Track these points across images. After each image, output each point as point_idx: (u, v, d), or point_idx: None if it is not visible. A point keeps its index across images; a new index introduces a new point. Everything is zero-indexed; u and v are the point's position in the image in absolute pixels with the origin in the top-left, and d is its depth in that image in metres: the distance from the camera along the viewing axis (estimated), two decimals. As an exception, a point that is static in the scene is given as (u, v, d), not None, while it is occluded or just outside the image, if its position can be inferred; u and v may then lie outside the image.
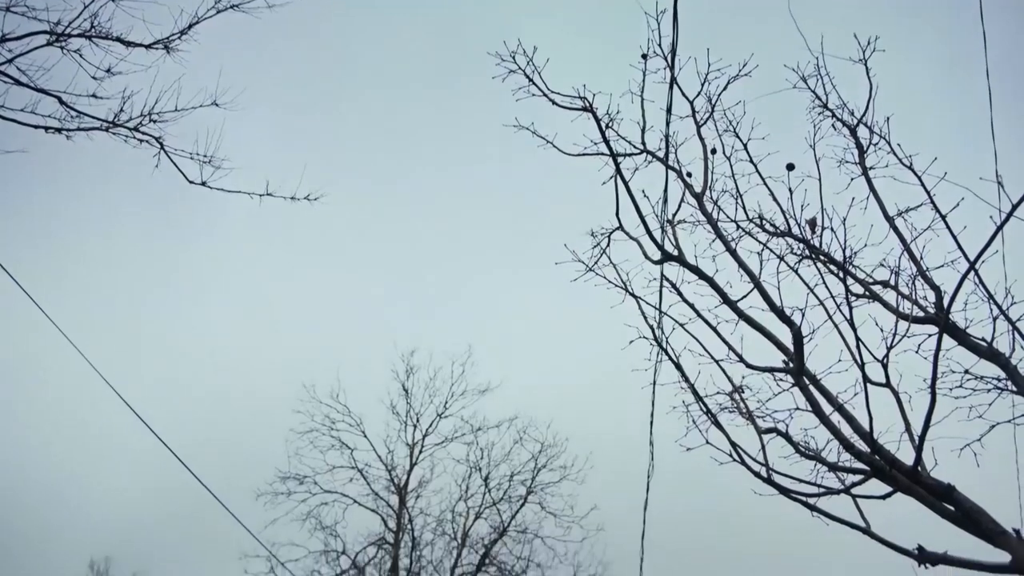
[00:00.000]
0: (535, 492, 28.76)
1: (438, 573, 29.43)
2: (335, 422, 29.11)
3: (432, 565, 29.36)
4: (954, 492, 3.75)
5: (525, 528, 29.13)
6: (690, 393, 4.76)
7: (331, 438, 28.74)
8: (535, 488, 28.75)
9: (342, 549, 27.86)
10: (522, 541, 29.06)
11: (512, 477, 29.22)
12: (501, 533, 29.01)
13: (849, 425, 4.20)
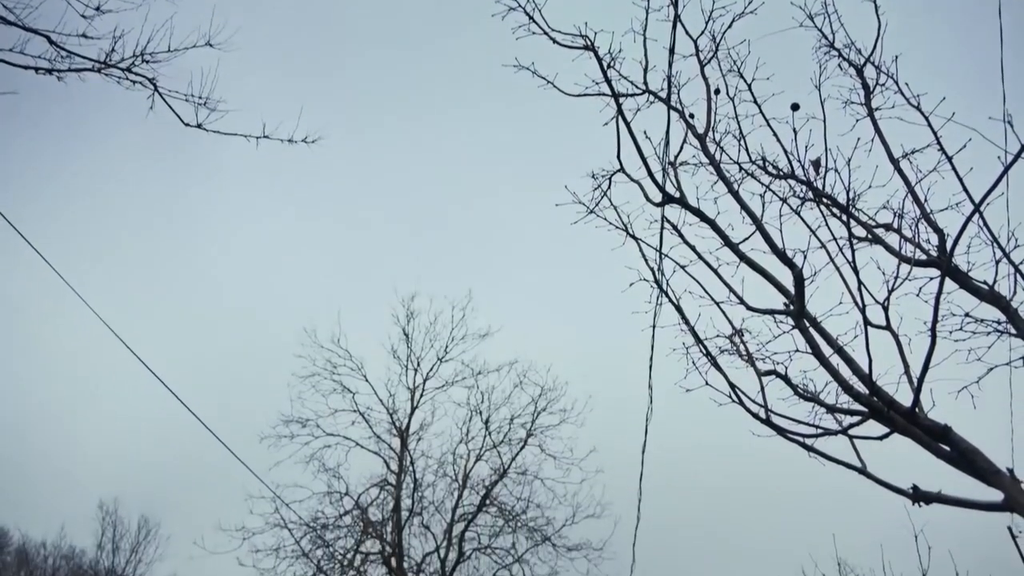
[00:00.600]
0: (535, 435, 29.17)
1: (439, 514, 30.04)
2: (336, 366, 29.34)
3: (433, 506, 29.93)
4: (950, 433, 3.78)
5: (525, 470, 29.61)
6: (690, 335, 4.76)
7: (333, 382, 29.00)
8: (535, 431, 29.16)
9: (345, 490, 28.38)
10: (522, 482, 29.58)
11: (512, 420, 29.60)
12: (501, 475, 29.54)
13: (848, 367, 4.21)
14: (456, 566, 29.30)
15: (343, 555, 27.64)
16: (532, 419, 29.24)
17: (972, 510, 4.15)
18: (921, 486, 4.05)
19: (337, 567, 27.35)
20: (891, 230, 5.27)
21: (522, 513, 29.14)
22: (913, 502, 3.79)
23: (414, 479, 29.37)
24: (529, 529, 28.85)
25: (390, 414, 29.59)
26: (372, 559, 28.43)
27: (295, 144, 7.39)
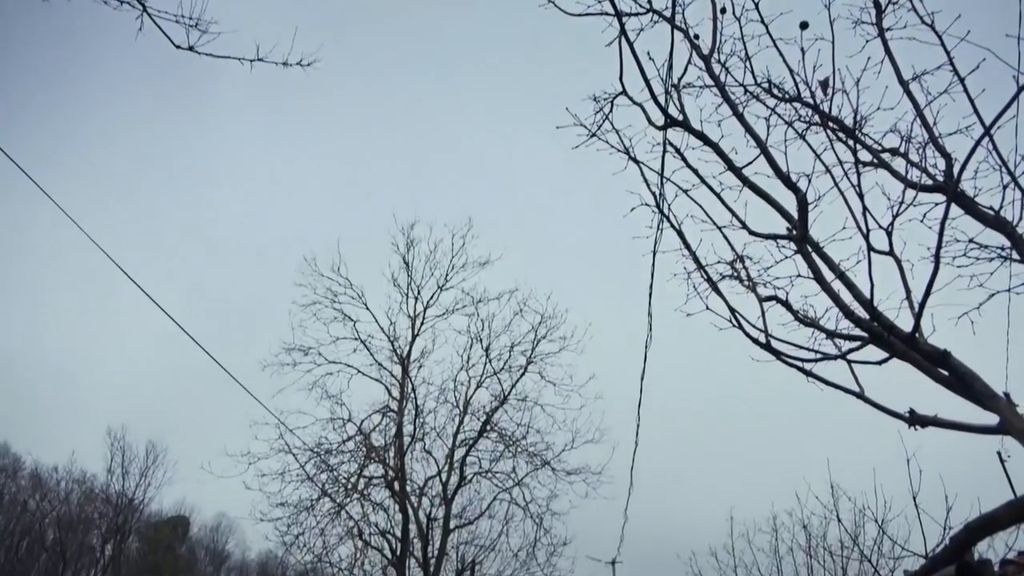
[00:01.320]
0: (535, 362, 29.46)
1: (441, 439, 30.64)
2: (337, 295, 29.44)
3: (435, 431, 30.49)
4: (949, 357, 3.78)
5: (525, 396, 30.05)
6: (691, 261, 4.72)
7: (333, 310, 29.15)
8: (535, 358, 29.44)
9: (348, 417, 28.83)
10: (522, 409, 30.07)
11: (512, 348, 29.85)
12: (502, 401, 29.97)
13: (850, 292, 4.19)
14: (457, 489, 30.02)
15: (347, 479, 28.30)
16: (532, 346, 29.48)
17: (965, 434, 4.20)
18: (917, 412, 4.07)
19: (341, 490, 28.04)
20: (898, 154, 5.17)
21: (522, 438, 29.68)
22: (910, 425, 3.81)
23: (415, 405, 29.80)
24: (529, 454, 29.45)
25: (391, 342, 29.81)
26: (375, 483, 29.11)
27: (290, 68, 7.18)
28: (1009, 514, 3.02)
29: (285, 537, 27.04)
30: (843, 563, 12.53)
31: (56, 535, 32.52)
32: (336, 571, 28.84)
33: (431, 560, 28.77)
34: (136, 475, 27.97)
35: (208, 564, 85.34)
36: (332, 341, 28.88)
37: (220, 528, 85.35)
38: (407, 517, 28.65)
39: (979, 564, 3.22)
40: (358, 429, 28.55)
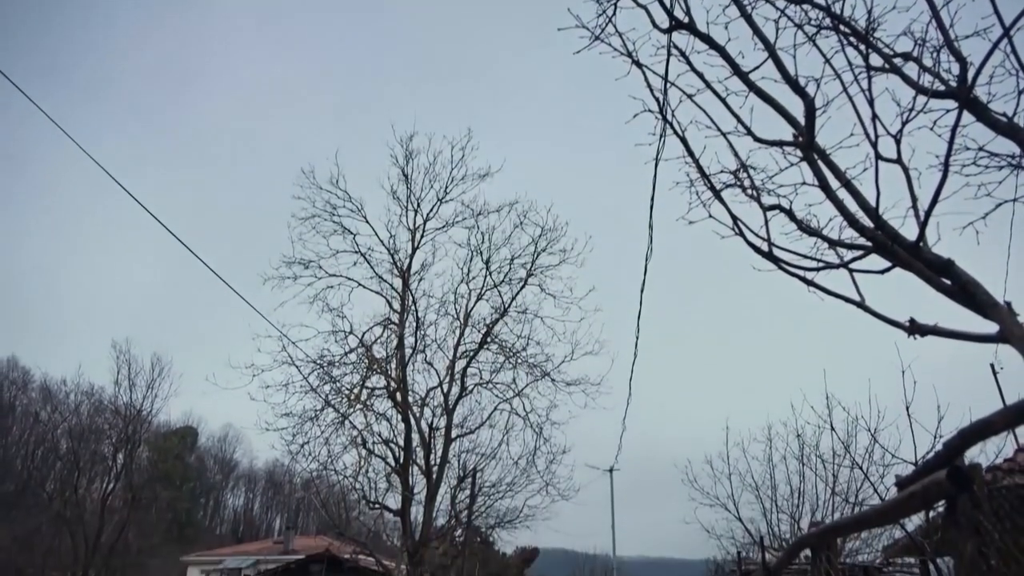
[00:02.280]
0: (535, 274, 29.56)
1: (442, 351, 31.04)
2: (336, 208, 29.26)
3: (436, 343, 30.87)
4: (953, 266, 3.74)
5: (525, 309, 30.27)
6: (694, 169, 4.62)
7: (333, 223, 29.04)
8: (535, 271, 29.52)
9: (349, 329, 29.14)
10: (522, 321, 30.33)
11: (512, 260, 29.89)
12: (502, 313, 30.22)
13: (855, 200, 4.11)
14: (458, 400, 30.63)
15: (350, 390, 28.84)
16: (532, 259, 29.52)
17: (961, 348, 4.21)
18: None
19: (344, 401, 28.61)
20: (910, 59, 4.99)
21: (522, 350, 30.07)
22: (909, 334, 3.81)
23: (416, 318, 30.07)
24: (529, 365, 29.91)
25: (391, 255, 29.83)
26: (378, 394, 29.68)
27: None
28: (1003, 419, 3.05)
29: (290, 446, 27.77)
30: (834, 470, 12.87)
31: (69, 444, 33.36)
32: (341, 478, 29.76)
33: (433, 468, 29.63)
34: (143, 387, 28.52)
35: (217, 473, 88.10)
36: (332, 254, 28.89)
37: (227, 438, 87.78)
38: (409, 427, 29.34)
39: (969, 468, 3.27)
40: (360, 341, 28.89)
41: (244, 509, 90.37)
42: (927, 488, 3.44)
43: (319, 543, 33.41)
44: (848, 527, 6.50)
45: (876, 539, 11.70)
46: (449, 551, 30.36)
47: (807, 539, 5.81)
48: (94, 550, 25.11)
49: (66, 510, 27.10)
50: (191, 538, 63.66)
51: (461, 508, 31.51)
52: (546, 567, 70.61)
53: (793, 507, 14.37)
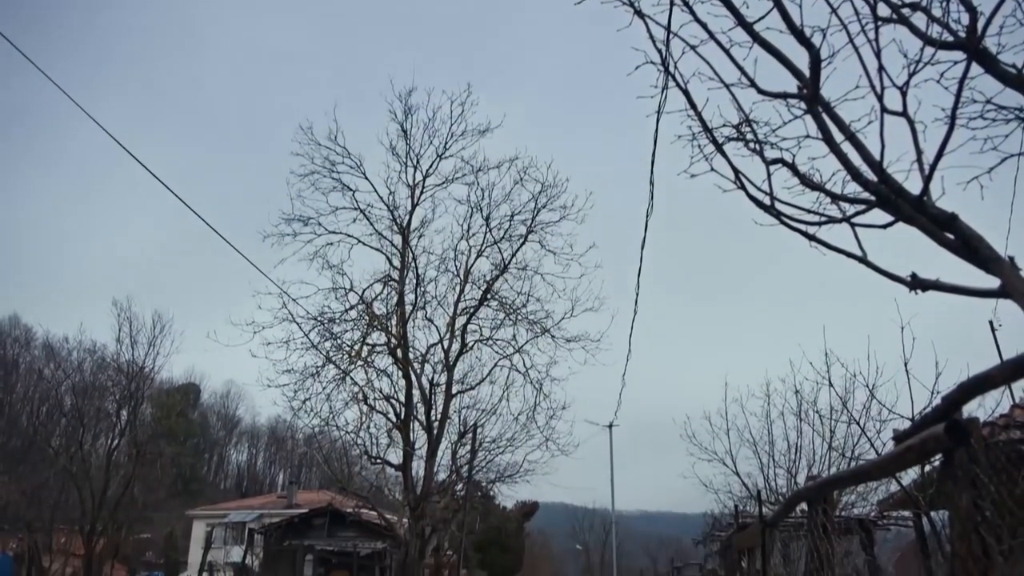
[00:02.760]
0: (535, 231, 29.49)
1: (442, 307, 31.12)
2: (335, 164, 29.05)
3: (436, 300, 30.93)
4: (957, 221, 3.70)
5: (525, 265, 30.26)
6: (697, 121, 4.55)
7: (332, 180, 28.90)
8: (535, 227, 29.44)
9: (350, 286, 29.15)
10: (522, 278, 30.35)
11: (512, 217, 29.78)
12: (502, 270, 30.20)
13: (859, 153, 4.06)
14: (459, 356, 30.81)
15: (350, 347, 28.99)
16: (532, 215, 29.44)
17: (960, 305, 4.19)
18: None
19: (345, 358, 28.78)
20: (918, 9, 4.87)
21: (522, 307, 30.17)
22: (911, 289, 3.79)
23: (416, 275, 30.09)
24: (529, 322, 30.03)
25: (391, 211, 29.73)
26: (378, 350, 29.84)
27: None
28: (1002, 373, 3.04)
29: (292, 402, 28.04)
30: (832, 426, 12.98)
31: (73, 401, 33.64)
32: (343, 434, 30.12)
33: (434, 423, 29.93)
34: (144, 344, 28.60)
35: (220, 429, 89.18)
36: (331, 211, 28.79)
37: (229, 395, 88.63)
38: (410, 383, 29.56)
39: (967, 422, 3.28)
40: (360, 298, 28.94)
41: (248, 464, 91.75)
42: (924, 441, 3.45)
43: (322, 497, 33.94)
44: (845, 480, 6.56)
45: (872, 493, 11.86)
46: (450, 505, 30.84)
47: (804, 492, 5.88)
48: (100, 504, 25.49)
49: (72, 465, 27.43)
50: (196, 493, 64.75)
51: (462, 463, 31.92)
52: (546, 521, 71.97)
53: (790, 462, 14.55)
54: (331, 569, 24.00)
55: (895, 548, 8.67)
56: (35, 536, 27.09)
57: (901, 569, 7.76)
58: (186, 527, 50.49)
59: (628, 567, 63.03)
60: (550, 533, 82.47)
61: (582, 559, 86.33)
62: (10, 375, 68.39)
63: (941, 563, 5.24)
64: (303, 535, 24.35)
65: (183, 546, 47.52)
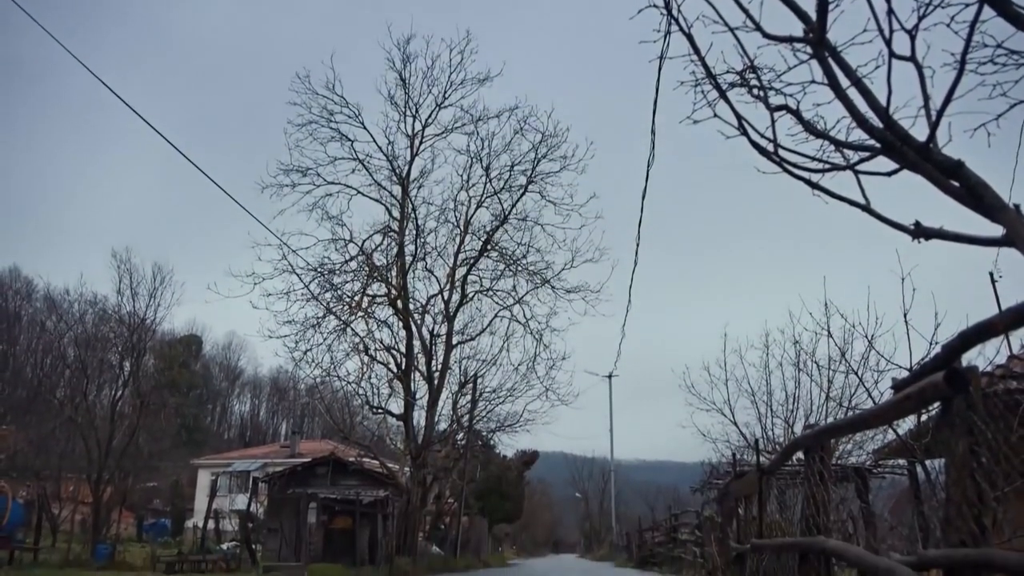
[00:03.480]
0: (535, 181, 29.36)
1: (442, 258, 31.14)
2: (333, 113, 28.74)
3: (436, 251, 30.93)
4: (962, 168, 3.64)
5: (525, 216, 30.20)
6: (700, 66, 4.46)
7: (330, 130, 28.64)
8: (535, 177, 29.30)
9: (349, 237, 29.12)
10: (522, 228, 30.32)
11: (512, 167, 29.61)
12: (502, 221, 30.12)
13: (865, 100, 3.98)
14: (459, 307, 30.97)
15: (351, 298, 29.08)
16: (532, 166, 29.28)
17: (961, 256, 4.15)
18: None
19: (346, 309, 28.90)
20: (930, -50, 4.74)
21: (522, 257, 30.21)
22: (914, 237, 3.76)
23: (416, 225, 30.04)
24: (529, 272, 30.11)
25: (390, 161, 29.53)
26: (379, 301, 29.96)
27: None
28: (1004, 321, 3.03)
29: (294, 353, 28.26)
30: (829, 376, 13.07)
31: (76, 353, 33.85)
32: (344, 384, 30.41)
33: (435, 374, 30.21)
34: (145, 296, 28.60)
35: (223, 380, 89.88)
36: (330, 162, 28.61)
37: (231, 346, 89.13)
38: (411, 334, 29.73)
39: (966, 370, 3.28)
40: (360, 249, 28.92)
41: (250, 415, 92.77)
42: (924, 389, 3.47)
43: (324, 447, 34.42)
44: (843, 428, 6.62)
45: (868, 442, 12.00)
46: (451, 454, 31.32)
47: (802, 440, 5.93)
48: (106, 453, 25.83)
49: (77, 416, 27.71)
50: (200, 443, 65.63)
51: (462, 413, 32.32)
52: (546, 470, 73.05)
53: (788, 412, 14.71)
54: (334, 516, 24.44)
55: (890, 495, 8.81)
56: (44, 484, 27.54)
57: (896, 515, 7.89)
58: (191, 476, 51.30)
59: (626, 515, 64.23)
60: (550, 482, 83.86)
61: (581, 507, 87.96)
62: (12, 327, 68.68)
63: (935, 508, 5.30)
64: (306, 483, 24.73)
65: (189, 494, 48.34)
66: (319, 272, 28.15)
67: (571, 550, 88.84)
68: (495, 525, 49.93)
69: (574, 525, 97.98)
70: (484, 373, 31.90)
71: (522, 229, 30.16)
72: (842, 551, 4.53)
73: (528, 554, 68.09)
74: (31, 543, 23.44)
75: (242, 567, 23.41)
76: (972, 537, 3.03)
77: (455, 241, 30.73)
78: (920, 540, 5.92)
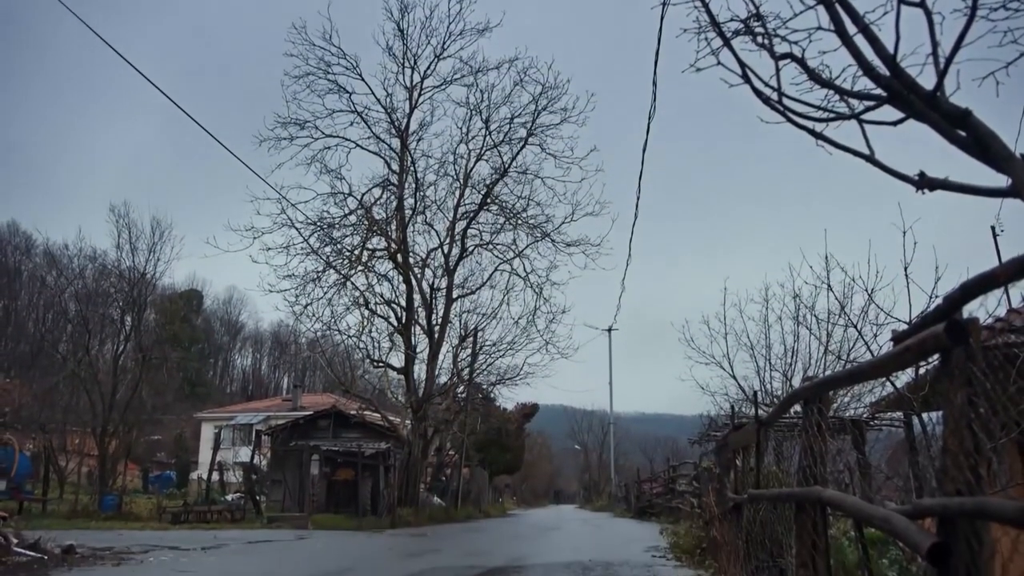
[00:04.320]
0: (535, 134, 29.08)
1: (442, 212, 31.00)
2: (330, 65, 28.33)
3: (436, 204, 30.78)
4: (970, 117, 3.58)
5: (525, 169, 29.98)
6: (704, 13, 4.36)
7: (328, 82, 28.26)
8: (535, 130, 29.00)
9: (349, 191, 28.96)
10: (522, 182, 30.13)
11: (512, 120, 29.28)
12: (502, 174, 29.90)
13: (871, 47, 3.89)
14: (459, 261, 30.96)
15: (350, 252, 29.03)
16: (532, 118, 28.96)
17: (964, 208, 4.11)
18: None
19: (345, 263, 28.87)
20: None
21: (522, 211, 30.09)
22: (918, 188, 3.71)
23: (416, 179, 29.85)
24: (529, 226, 30.01)
25: (388, 114, 29.20)
26: (379, 255, 29.91)
27: None
28: (1006, 272, 3.00)
29: (294, 307, 28.36)
30: (828, 329, 13.10)
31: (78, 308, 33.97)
32: (345, 338, 30.56)
33: (435, 327, 30.33)
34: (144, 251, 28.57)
35: (224, 334, 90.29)
36: (328, 114, 28.29)
37: (232, 300, 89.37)
38: (411, 287, 29.77)
39: (967, 321, 3.26)
40: (359, 203, 28.77)
41: (252, 369, 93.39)
42: (923, 341, 3.46)
43: (326, 400, 34.73)
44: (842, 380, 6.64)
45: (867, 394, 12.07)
46: (451, 407, 31.60)
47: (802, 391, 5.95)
48: (110, 407, 26.11)
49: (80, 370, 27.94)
50: (203, 396, 66.20)
51: (463, 366, 32.52)
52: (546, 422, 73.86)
53: (786, 366, 14.77)
54: (337, 468, 24.80)
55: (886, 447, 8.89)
56: (49, 437, 27.89)
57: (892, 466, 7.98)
58: (195, 429, 51.88)
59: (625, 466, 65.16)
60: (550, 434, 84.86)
61: (580, 459, 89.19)
62: (13, 283, 68.75)
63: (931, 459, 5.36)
64: (308, 436, 25.04)
65: (193, 447, 48.96)
66: (318, 226, 28.06)
67: (570, 501, 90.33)
68: (495, 476, 50.70)
69: (573, 476, 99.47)
70: (484, 327, 32.04)
71: (522, 182, 29.97)
72: (839, 501, 4.58)
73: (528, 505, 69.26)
74: (39, 494, 23.83)
75: (247, 517, 23.84)
76: (967, 486, 3.05)
77: (455, 194, 30.56)
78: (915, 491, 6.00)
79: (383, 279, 30.00)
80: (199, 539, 14.37)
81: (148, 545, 12.45)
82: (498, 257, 30.82)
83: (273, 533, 18.10)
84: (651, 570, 9.58)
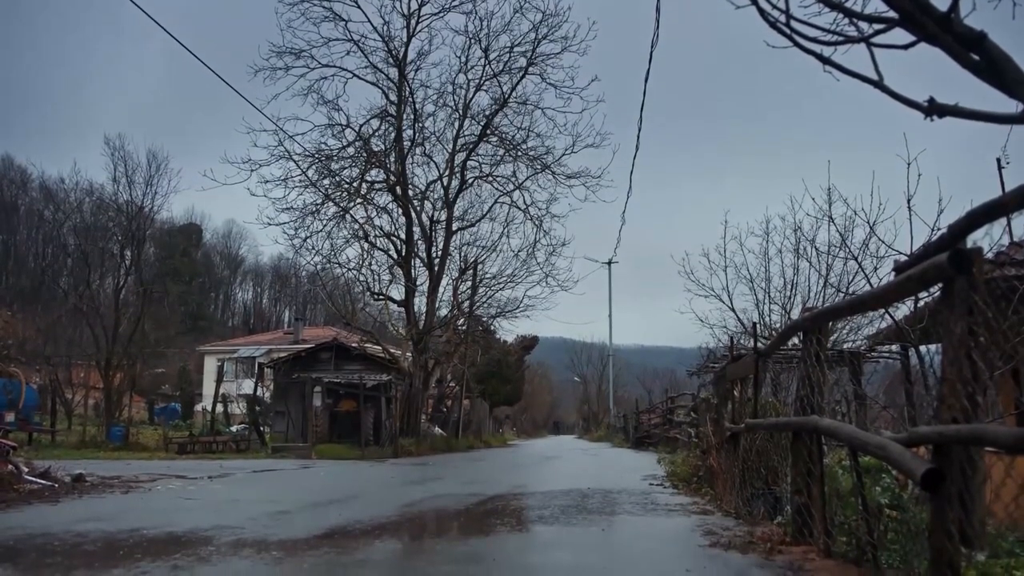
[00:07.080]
0: (536, 63, 28.42)
1: (441, 143, 30.58)
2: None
3: (435, 136, 30.35)
4: (985, 40, 3.45)
5: (526, 100, 29.42)
6: (711, -70, 4.18)
7: (323, 9, 27.43)
8: (536, 59, 28.34)
9: (346, 122, 28.49)
10: (523, 112, 29.61)
11: (512, 48, 28.57)
12: (502, 104, 29.37)
13: (884, -33, 3.75)
14: (459, 193, 30.72)
15: (349, 184, 28.78)
16: (533, 47, 28.26)
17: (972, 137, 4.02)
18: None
19: (344, 195, 28.65)
20: None
21: (522, 142, 29.69)
22: (927, 115, 3.61)
23: (414, 110, 29.34)
24: (529, 158, 29.67)
25: (385, 42, 28.49)
26: (378, 187, 29.68)
27: None
28: (1015, 199, 2.95)
29: (293, 240, 28.27)
30: (829, 261, 13.06)
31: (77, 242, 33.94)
32: (345, 271, 30.57)
33: (435, 260, 30.31)
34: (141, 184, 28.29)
35: (224, 268, 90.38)
36: (324, 43, 27.59)
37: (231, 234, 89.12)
38: (410, 220, 29.62)
39: (970, 251, 3.23)
40: (357, 135, 28.37)
41: (253, 302, 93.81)
42: (926, 270, 3.43)
43: (327, 333, 34.96)
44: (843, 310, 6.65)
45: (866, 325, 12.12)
46: (452, 339, 31.82)
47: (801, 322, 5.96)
48: (114, 340, 26.31)
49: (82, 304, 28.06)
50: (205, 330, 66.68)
51: (463, 299, 32.62)
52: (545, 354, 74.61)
53: (785, 298, 14.78)
54: (339, 399, 25.15)
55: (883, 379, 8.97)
56: (55, 370, 28.19)
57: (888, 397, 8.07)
58: (198, 362, 52.43)
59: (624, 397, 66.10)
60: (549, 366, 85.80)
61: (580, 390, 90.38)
62: (11, 217, 68.41)
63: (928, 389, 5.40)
64: (310, 368, 25.29)
65: (196, 380, 49.56)
66: (316, 158, 27.74)
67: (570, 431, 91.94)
68: (496, 407, 51.47)
69: (573, 407, 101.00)
70: (484, 259, 32.01)
71: (522, 113, 29.47)
72: (835, 430, 4.63)
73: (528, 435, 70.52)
74: (47, 425, 24.25)
75: (251, 448, 24.29)
76: (964, 414, 3.07)
77: (454, 126, 30.10)
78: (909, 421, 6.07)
79: (382, 211, 29.82)
80: (205, 468, 14.66)
81: (156, 474, 12.71)
82: (498, 189, 30.56)
83: (278, 463, 18.47)
84: (648, 497, 9.79)
